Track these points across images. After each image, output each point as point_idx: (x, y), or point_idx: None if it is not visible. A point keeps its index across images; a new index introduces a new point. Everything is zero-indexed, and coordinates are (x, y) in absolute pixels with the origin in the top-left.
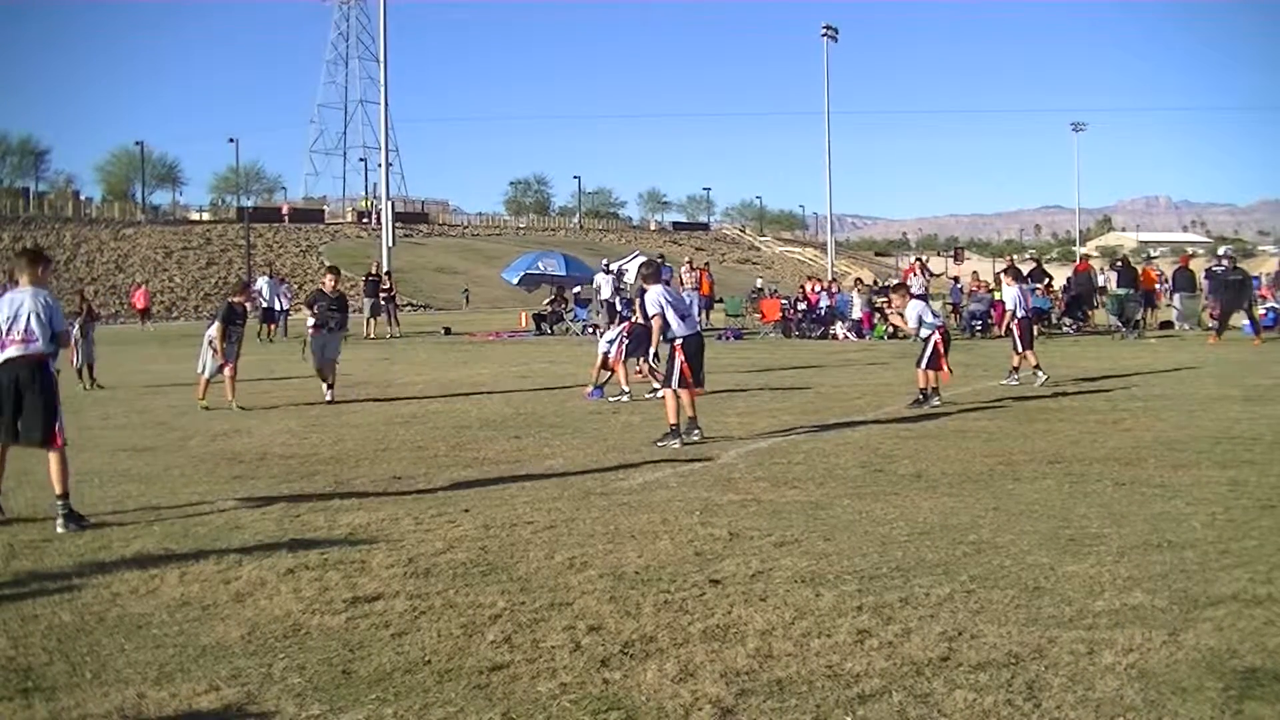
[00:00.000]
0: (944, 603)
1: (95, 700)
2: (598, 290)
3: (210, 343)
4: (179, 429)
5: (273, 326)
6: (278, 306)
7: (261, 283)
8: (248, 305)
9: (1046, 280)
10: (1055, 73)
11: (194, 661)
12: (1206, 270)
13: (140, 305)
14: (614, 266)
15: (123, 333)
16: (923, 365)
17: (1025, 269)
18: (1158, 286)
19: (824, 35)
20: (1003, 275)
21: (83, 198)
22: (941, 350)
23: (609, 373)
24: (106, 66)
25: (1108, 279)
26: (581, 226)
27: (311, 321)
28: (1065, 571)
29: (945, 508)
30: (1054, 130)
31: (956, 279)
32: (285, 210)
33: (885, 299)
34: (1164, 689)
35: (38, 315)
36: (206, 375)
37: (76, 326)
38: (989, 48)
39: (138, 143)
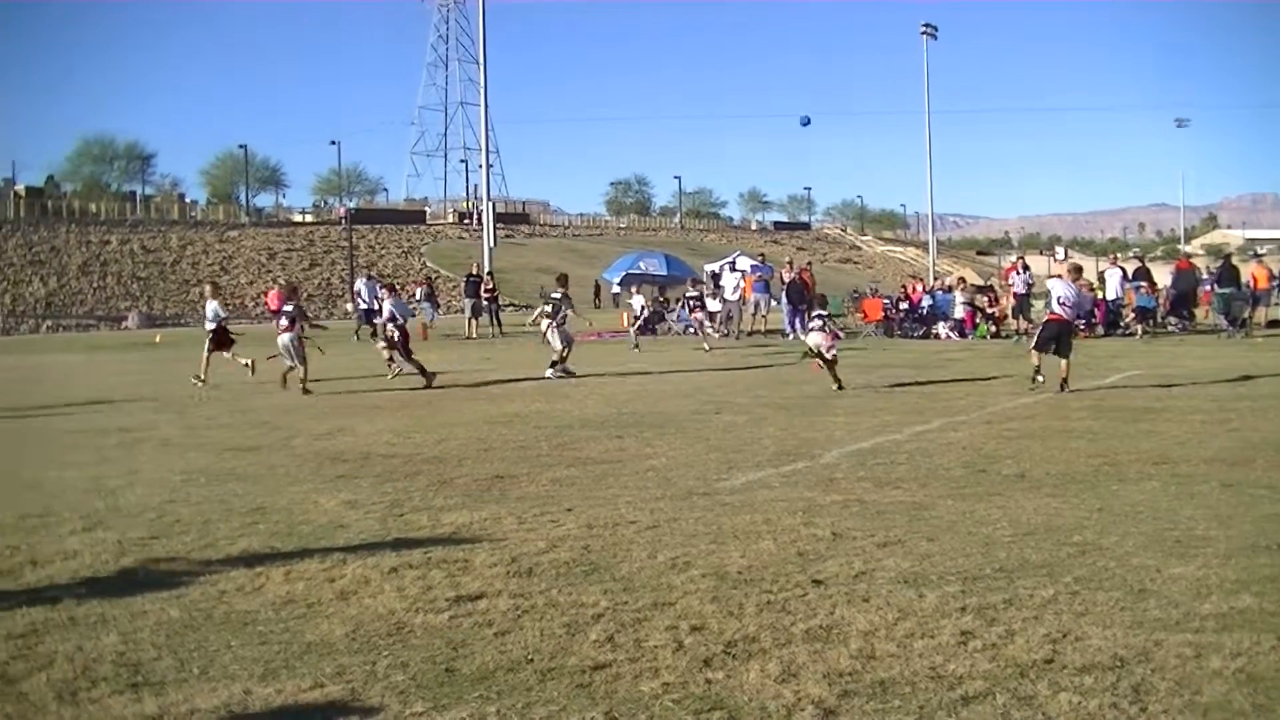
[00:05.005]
0: (1048, 604)
1: (203, 695)
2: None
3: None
4: (283, 428)
5: (372, 327)
6: (377, 306)
7: (360, 284)
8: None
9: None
10: (1159, 68)
11: (299, 658)
12: None
13: (275, 306)
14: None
15: (254, 330)
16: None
17: (1130, 268)
18: (1273, 285)
19: (923, 33)
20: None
21: (188, 201)
22: (1048, 335)
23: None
24: (211, 71)
25: (1211, 278)
26: (682, 226)
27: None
28: (1171, 574)
29: (1049, 508)
30: (1158, 127)
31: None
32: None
33: (986, 296)
34: (1273, 694)
35: None
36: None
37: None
38: (1093, 44)
39: (241, 146)
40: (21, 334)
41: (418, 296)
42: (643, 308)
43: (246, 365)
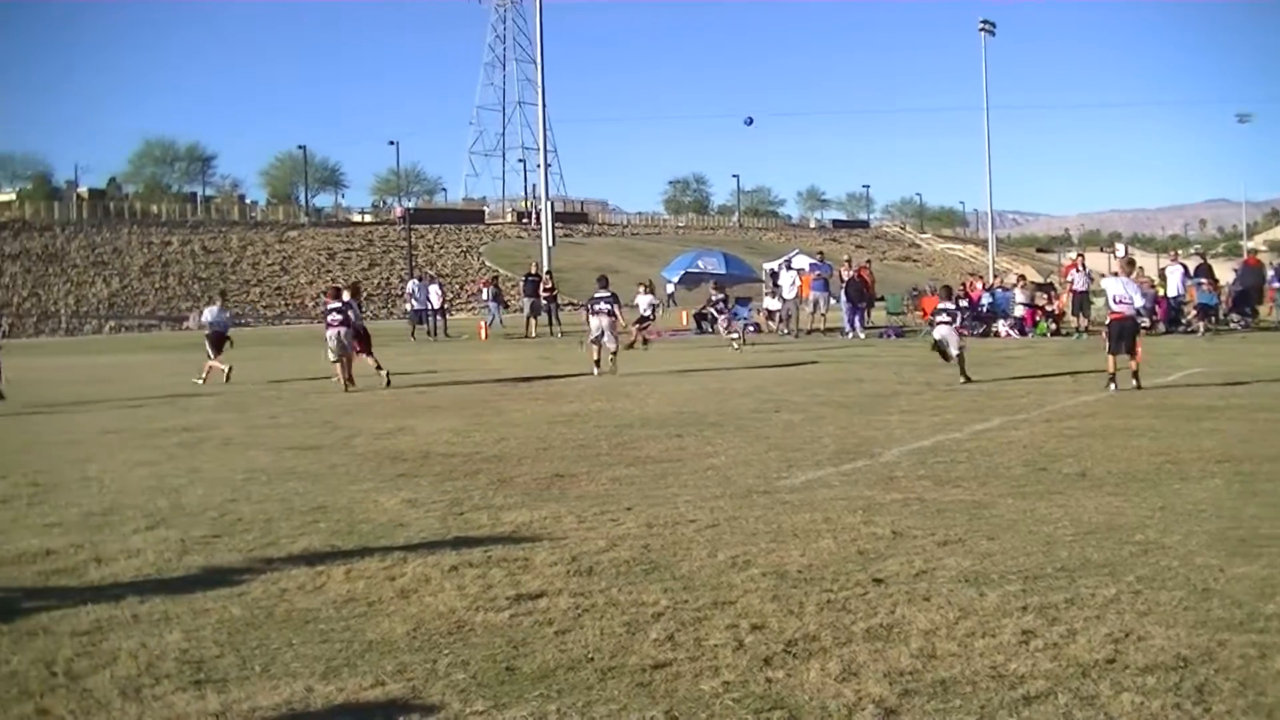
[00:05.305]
0: (1110, 604)
1: (265, 693)
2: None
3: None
4: (344, 427)
5: (424, 326)
6: (430, 306)
7: (412, 284)
8: (331, 303)
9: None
10: (1219, 62)
11: (360, 657)
12: None
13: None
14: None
15: (313, 330)
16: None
17: (1191, 264)
18: None
19: (982, 29)
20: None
21: (248, 201)
22: (1115, 335)
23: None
24: (271, 73)
25: (1275, 274)
26: (741, 225)
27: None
28: (1235, 573)
29: (1110, 507)
30: (1219, 122)
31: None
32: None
33: (1046, 294)
34: None
35: None
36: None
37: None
38: (1151, 38)
39: (300, 147)
40: (85, 334)
41: (485, 296)
42: (651, 306)
43: (202, 378)
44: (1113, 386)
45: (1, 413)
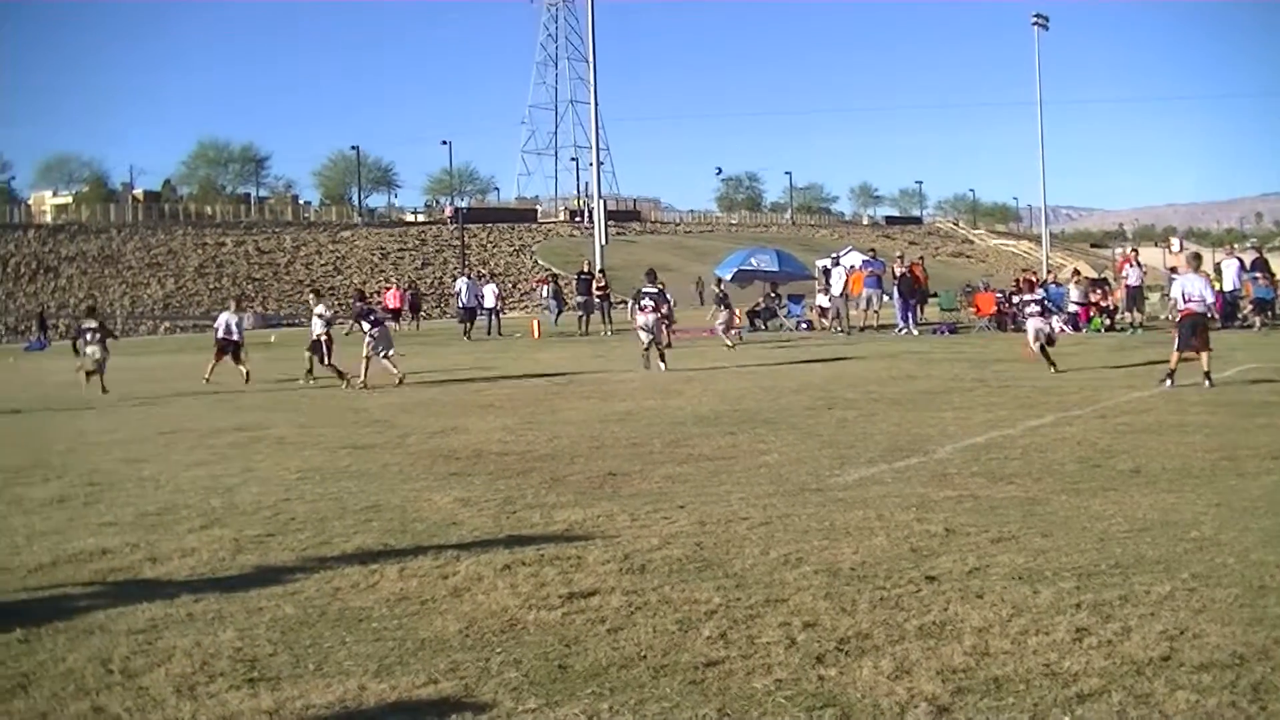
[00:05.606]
0: (1165, 601)
1: (318, 691)
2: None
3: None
4: (397, 426)
5: (481, 322)
6: (486, 304)
7: (460, 284)
8: (362, 305)
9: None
10: (1275, 54)
11: (412, 655)
12: None
13: (393, 305)
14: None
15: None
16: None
17: (1248, 258)
18: None
19: (1035, 23)
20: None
21: (302, 202)
22: (1186, 332)
23: None
24: (322, 74)
25: None
26: (794, 222)
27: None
28: None
29: (1165, 504)
30: (1275, 114)
31: (1174, 270)
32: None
33: (1100, 290)
34: None
35: None
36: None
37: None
38: (1206, 31)
39: (353, 147)
40: (140, 335)
41: (545, 294)
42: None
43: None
44: (1168, 382)
45: (97, 407)
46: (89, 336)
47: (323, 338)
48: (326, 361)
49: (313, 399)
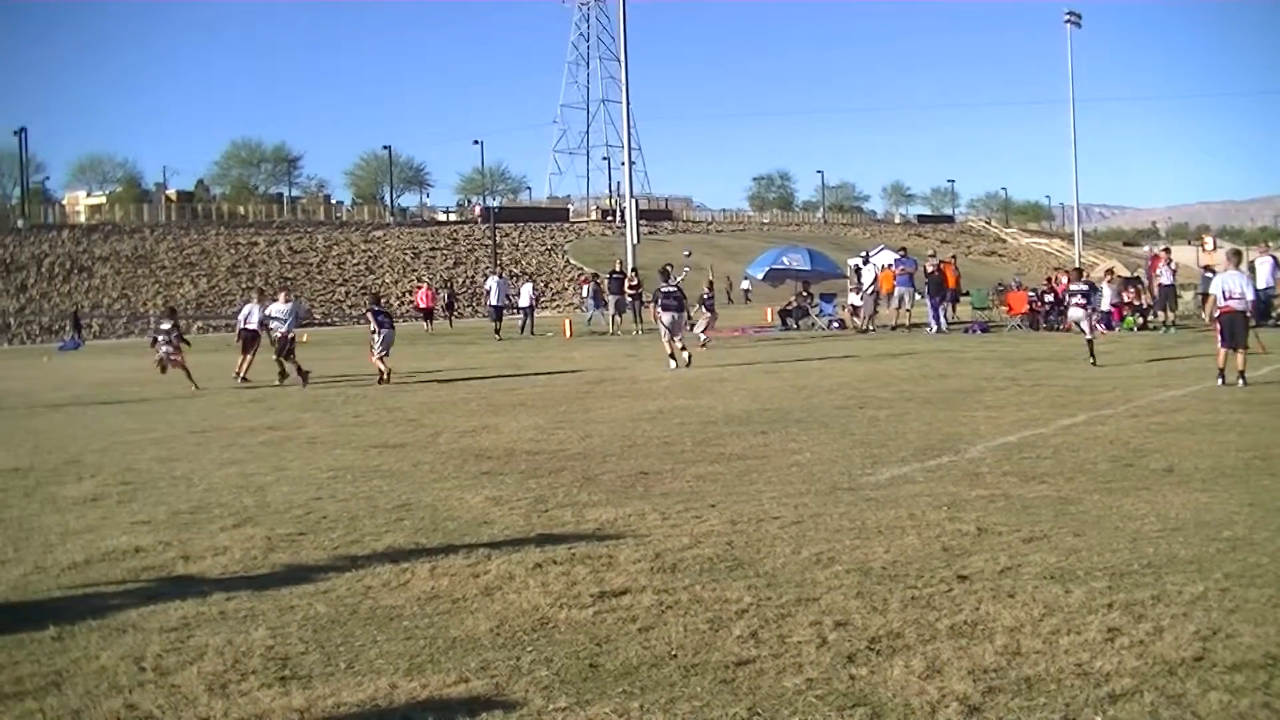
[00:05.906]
0: (1197, 601)
1: (349, 689)
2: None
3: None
4: (428, 425)
5: (517, 319)
6: (524, 302)
7: (491, 282)
8: (376, 308)
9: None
10: None
11: (444, 653)
12: None
13: (423, 304)
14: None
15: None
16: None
17: None
18: None
19: (1068, 21)
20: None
21: (334, 202)
22: (1222, 330)
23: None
24: (354, 73)
25: None
26: (825, 221)
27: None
28: None
29: (1198, 503)
30: None
31: (1207, 268)
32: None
33: (1133, 288)
34: None
35: None
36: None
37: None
38: (1237, 27)
39: (385, 147)
40: None
41: (585, 293)
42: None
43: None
44: (1221, 380)
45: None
46: (162, 338)
47: (288, 336)
48: (277, 356)
49: (346, 398)
